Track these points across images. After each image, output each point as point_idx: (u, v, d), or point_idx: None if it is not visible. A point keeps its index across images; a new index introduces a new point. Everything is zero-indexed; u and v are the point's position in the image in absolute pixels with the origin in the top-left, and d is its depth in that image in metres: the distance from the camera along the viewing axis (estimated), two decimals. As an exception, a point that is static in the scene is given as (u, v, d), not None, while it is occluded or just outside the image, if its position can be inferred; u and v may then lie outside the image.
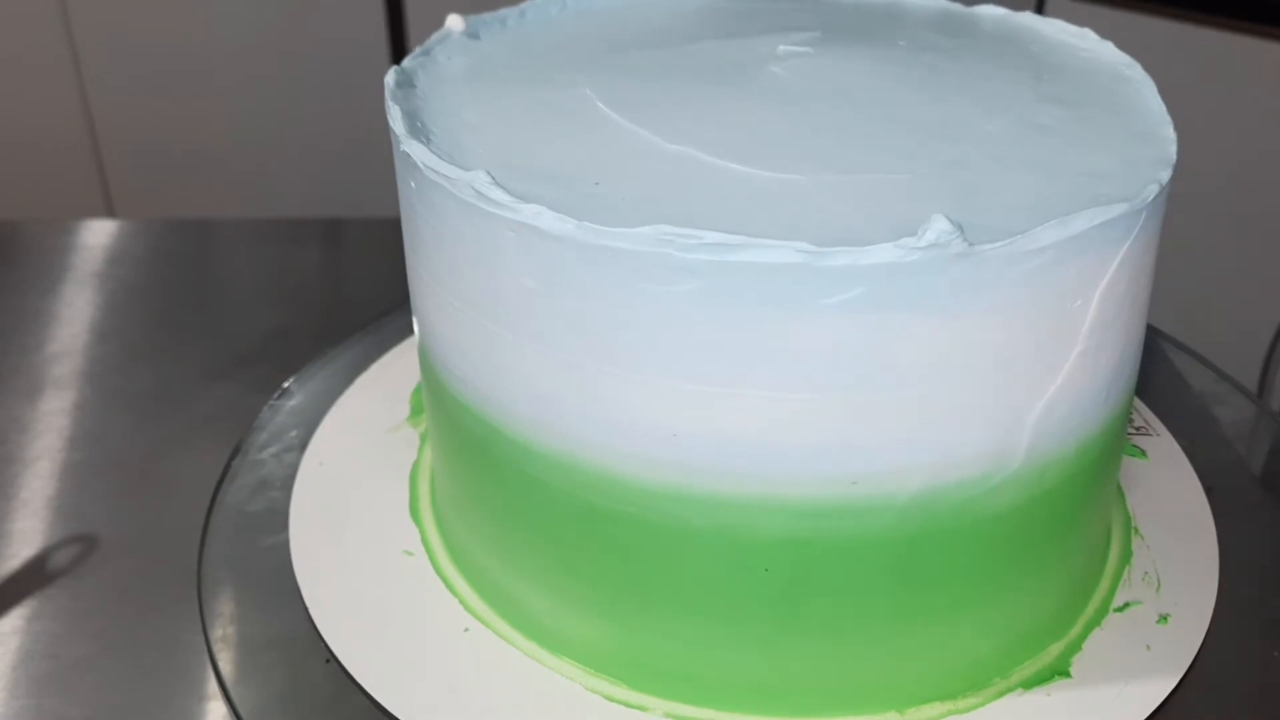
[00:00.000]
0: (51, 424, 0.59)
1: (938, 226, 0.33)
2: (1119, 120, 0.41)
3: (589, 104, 0.42)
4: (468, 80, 0.44)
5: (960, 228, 0.33)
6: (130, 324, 0.67)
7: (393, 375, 0.55)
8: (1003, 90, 0.43)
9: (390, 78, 0.43)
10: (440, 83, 0.44)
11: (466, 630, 0.43)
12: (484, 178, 0.36)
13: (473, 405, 0.40)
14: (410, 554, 0.46)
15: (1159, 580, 0.44)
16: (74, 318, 0.67)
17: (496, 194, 0.35)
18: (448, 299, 0.40)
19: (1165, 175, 0.37)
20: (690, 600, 0.39)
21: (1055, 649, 0.42)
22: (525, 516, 0.41)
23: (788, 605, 0.38)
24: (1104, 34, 0.47)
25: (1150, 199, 0.36)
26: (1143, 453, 0.50)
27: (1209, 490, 0.49)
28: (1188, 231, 0.46)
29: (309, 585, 0.44)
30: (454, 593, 0.44)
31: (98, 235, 0.75)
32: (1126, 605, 0.43)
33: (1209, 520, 0.47)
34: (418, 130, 0.40)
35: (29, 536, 0.53)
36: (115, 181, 1.28)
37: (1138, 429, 0.52)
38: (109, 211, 1.28)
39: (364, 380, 0.55)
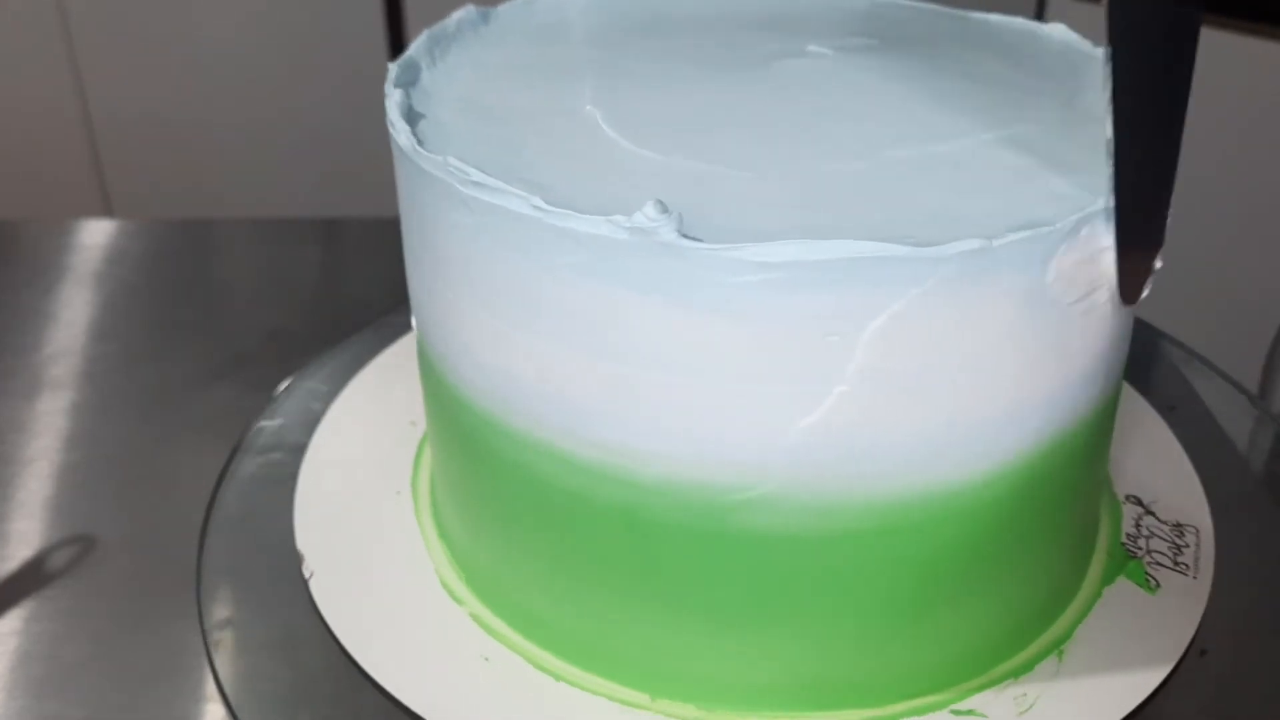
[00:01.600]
0: (49, 424, 0.59)
1: (645, 211, 0.33)
2: (1067, 179, 0.37)
3: (576, 71, 0.43)
4: (482, 47, 0.46)
5: (679, 218, 0.33)
6: (129, 324, 0.67)
7: (392, 373, 0.55)
8: (978, 128, 0.40)
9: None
10: (462, 43, 0.46)
11: (467, 625, 0.43)
12: (396, 96, 0.39)
13: (440, 371, 0.42)
14: (412, 550, 0.46)
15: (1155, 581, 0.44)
16: (72, 318, 0.67)
17: (394, 114, 0.39)
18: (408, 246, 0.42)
19: (1005, 239, 0.33)
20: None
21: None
22: (496, 491, 0.41)
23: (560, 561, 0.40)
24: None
25: (950, 255, 0.33)
26: (1153, 587, 0.44)
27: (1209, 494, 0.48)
28: (1188, 231, 0.46)
29: (316, 583, 0.44)
30: (453, 590, 0.44)
31: (96, 235, 0.75)
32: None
33: (1207, 519, 0.47)
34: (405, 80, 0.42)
35: (27, 537, 0.52)
36: (113, 181, 1.27)
37: (1177, 564, 0.45)
38: (107, 211, 1.28)
39: (363, 378, 0.55)
